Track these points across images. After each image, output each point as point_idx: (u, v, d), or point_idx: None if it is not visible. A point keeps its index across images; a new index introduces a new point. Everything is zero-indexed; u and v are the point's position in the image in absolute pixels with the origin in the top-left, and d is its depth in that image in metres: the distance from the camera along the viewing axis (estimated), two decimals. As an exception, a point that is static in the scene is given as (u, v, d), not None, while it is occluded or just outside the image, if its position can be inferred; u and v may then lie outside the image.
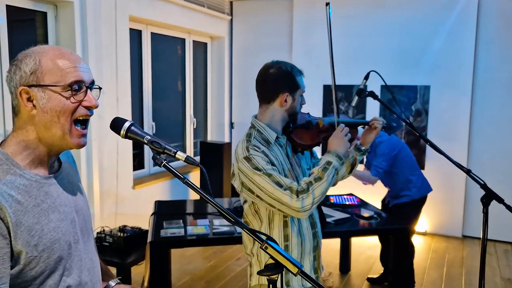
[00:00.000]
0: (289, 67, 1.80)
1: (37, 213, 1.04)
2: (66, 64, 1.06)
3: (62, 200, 1.12)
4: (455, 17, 4.93)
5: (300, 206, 1.60)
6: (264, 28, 5.93)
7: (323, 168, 1.69)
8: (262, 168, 1.65)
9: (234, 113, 6.34)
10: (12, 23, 3.40)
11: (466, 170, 1.82)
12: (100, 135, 4.04)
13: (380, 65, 4.97)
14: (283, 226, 1.77)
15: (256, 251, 1.85)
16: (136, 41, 4.83)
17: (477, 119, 5.02)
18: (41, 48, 1.08)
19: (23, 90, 1.05)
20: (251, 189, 1.69)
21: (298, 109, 1.85)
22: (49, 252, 1.04)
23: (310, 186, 1.64)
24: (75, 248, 1.13)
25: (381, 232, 3.52)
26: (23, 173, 1.05)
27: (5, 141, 1.09)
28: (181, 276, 4.01)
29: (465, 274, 4.16)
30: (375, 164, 3.53)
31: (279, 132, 1.83)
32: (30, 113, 1.06)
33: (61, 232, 1.08)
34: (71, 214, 1.14)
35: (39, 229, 1.03)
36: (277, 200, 1.63)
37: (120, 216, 4.37)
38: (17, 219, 0.99)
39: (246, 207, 1.83)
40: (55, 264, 1.06)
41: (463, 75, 4.96)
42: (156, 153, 1.09)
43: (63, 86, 1.06)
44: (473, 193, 5.05)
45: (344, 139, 1.79)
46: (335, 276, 4.07)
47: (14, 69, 1.06)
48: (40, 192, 1.06)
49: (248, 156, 1.68)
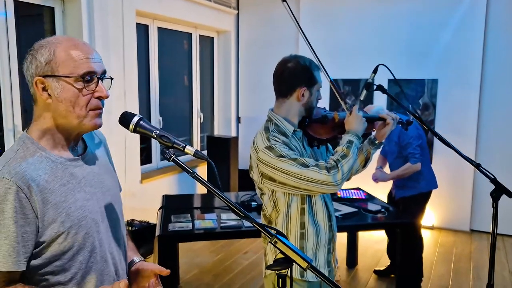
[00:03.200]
0: (308, 62, 1.81)
1: (63, 192, 1.10)
2: (79, 55, 1.10)
3: (88, 181, 1.18)
4: (464, 10, 4.88)
5: (333, 180, 1.67)
6: (270, 22, 5.90)
7: (347, 146, 1.75)
8: (286, 155, 1.69)
9: (241, 107, 6.34)
10: (20, 18, 3.41)
11: (475, 164, 1.81)
12: (107, 130, 4.04)
13: (388, 58, 4.93)
14: (300, 213, 1.80)
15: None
16: (143, 36, 4.83)
17: (485, 113, 4.97)
18: (56, 39, 1.12)
19: (38, 80, 1.09)
20: (273, 177, 1.72)
21: (315, 103, 1.87)
22: (77, 229, 1.10)
23: (338, 162, 1.71)
24: (102, 226, 1.18)
25: (388, 226, 3.51)
26: (49, 155, 1.11)
27: (28, 128, 1.15)
28: (189, 270, 4.03)
29: (473, 268, 4.14)
30: (410, 152, 3.48)
31: (296, 125, 1.84)
32: (46, 102, 1.11)
33: (88, 210, 1.14)
34: (97, 194, 1.19)
35: (66, 207, 1.09)
36: (307, 179, 1.67)
37: (128, 210, 4.38)
38: (43, 197, 1.06)
39: (266, 199, 1.84)
40: (83, 240, 1.12)
41: (472, 69, 4.91)
42: (165, 147, 1.09)
43: (75, 77, 1.09)
44: (481, 187, 5.02)
45: (360, 117, 1.84)
46: (342, 270, 4.07)
47: (31, 59, 1.10)
48: (65, 173, 1.12)
49: (270, 145, 1.71)
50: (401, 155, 3.58)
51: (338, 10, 5.45)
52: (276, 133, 1.76)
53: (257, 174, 1.78)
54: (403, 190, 3.62)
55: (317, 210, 1.84)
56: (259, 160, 1.73)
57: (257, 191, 1.88)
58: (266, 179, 1.75)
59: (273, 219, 1.84)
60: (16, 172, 1.03)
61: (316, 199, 1.83)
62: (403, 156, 3.56)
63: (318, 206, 1.84)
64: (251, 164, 1.82)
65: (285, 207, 1.80)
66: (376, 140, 2.00)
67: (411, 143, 3.50)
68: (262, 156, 1.72)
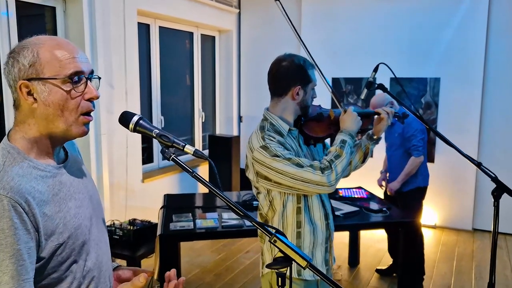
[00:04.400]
0: (302, 60, 1.81)
1: (57, 201, 1.05)
2: (64, 55, 1.04)
3: (75, 187, 1.13)
4: (466, 8, 4.86)
5: (327, 181, 1.67)
6: (272, 21, 5.89)
7: (340, 146, 1.75)
8: (281, 154, 1.69)
9: (242, 106, 6.34)
10: (21, 18, 3.42)
11: (477, 163, 1.80)
12: (109, 129, 4.06)
13: (389, 57, 4.92)
14: (296, 213, 1.80)
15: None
16: (145, 35, 4.84)
17: (488, 112, 4.96)
18: (37, 39, 1.05)
19: (22, 84, 1.02)
20: (268, 176, 1.72)
21: (310, 102, 1.87)
22: (74, 238, 1.07)
23: (332, 163, 1.70)
24: (92, 232, 1.15)
25: (390, 226, 3.50)
26: (36, 165, 1.04)
27: (9, 135, 1.07)
28: (190, 269, 4.03)
29: (475, 267, 4.14)
30: (414, 144, 3.49)
31: (291, 124, 1.84)
32: (31, 106, 1.03)
33: (81, 218, 1.11)
34: (86, 200, 1.16)
35: (62, 217, 1.05)
36: (301, 179, 1.67)
37: (129, 209, 4.41)
38: (40, 210, 1.00)
39: (261, 198, 1.84)
40: (79, 249, 1.08)
41: (474, 67, 4.90)
42: (164, 146, 1.09)
43: (62, 79, 1.03)
44: (483, 186, 5.01)
45: (354, 116, 1.84)
46: (344, 269, 4.07)
47: (12, 62, 1.03)
48: (55, 181, 1.07)
49: (265, 145, 1.71)
50: (401, 147, 3.58)
51: (339, 8, 5.44)
52: (271, 132, 1.76)
53: (252, 173, 1.78)
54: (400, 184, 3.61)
55: (313, 208, 1.83)
56: (254, 159, 1.73)
57: (253, 190, 1.89)
58: (262, 178, 1.75)
59: (269, 218, 1.84)
60: (11, 187, 0.96)
61: (312, 197, 1.83)
62: (404, 148, 3.56)
63: (315, 205, 1.84)
64: (247, 164, 1.82)
65: (281, 206, 1.80)
66: (374, 135, 1.99)
67: (416, 135, 3.49)
68: (257, 156, 1.72)
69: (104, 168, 4.03)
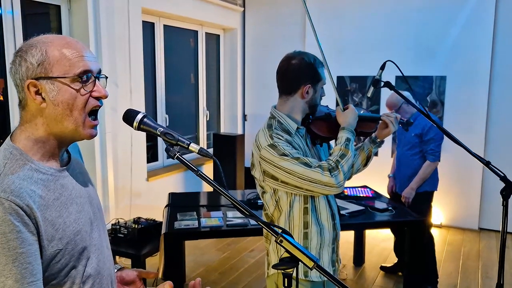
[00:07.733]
0: (312, 59, 1.79)
1: (58, 206, 1.02)
2: (73, 53, 1.02)
3: (77, 191, 1.11)
4: (473, 6, 4.82)
5: (336, 182, 1.65)
6: (277, 19, 5.88)
7: (345, 145, 1.74)
8: (289, 153, 1.67)
9: (247, 105, 6.32)
10: (26, 17, 3.43)
11: (485, 162, 1.78)
12: (113, 128, 4.06)
13: (395, 55, 4.89)
14: (303, 213, 1.78)
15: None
16: (149, 33, 4.84)
17: (494, 110, 4.91)
18: (45, 38, 1.03)
19: (30, 83, 1.00)
20: (275, 175, 1.70)
21: (319, 101, 1.85)
22: (73, 244, 1.04)
23: (339, 163, 1.69)
24: (92, 237, 1.13)
25: (395, 225, 3.48)
26: (38, 168, 1.02)
27: (13, 135, 1.05)
28: (195, 268, 4.03)
29: (481, 267, 4.11)
30: (432, 149, 3.43)
31: (299, 123, 1.83)
32: (39, 106, 1.01)
33: (81, 223, 1.08)
34: (86, 205, 1.13)
35: (62, 223, 1.02)
36: (309, 180, 1.66)
37: (134, 208, 4.41)
38: (41, 214, 0.97)
39: (267, 198, 1.82)
40: (79, 255, 1.06)
41: (481, 65, 4.86)
42: (169, 145, 1.07)
43: (72, 78, 1.02)
44: (489, 185, 4.97)
45: (355, 112, 1.84)
46: (349, 269, 4.05)
47: (19, 61, 1.01)
48: (57, 185, 1.04)
49: (273, 143, 1.69)
50: (416, 147, 3.51)
51: (345, 6, 5.42)
52: (279, 131, 1.74)
53: (259, 172, 1.76)
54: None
55: (320, 209, 1.81)
56: (261, 158, 1.71)
57: (258, 189, 1.86)
58: (268, 177, 1.73)
59: (275, 218, 1.82)
60: (12, 190, 0.94)
61: (319, 198, 1.81)
62: (419, 148, 3.50)
63: (322, 205, 1.82)
64: (252, 162, 1.80)
65: (287, 206, 1.78)
66: (377, 139, 1.97)
67: (436, 139, 3.43)
68: (264, 154, 1.70)
69: (109, 166, 4.03)
